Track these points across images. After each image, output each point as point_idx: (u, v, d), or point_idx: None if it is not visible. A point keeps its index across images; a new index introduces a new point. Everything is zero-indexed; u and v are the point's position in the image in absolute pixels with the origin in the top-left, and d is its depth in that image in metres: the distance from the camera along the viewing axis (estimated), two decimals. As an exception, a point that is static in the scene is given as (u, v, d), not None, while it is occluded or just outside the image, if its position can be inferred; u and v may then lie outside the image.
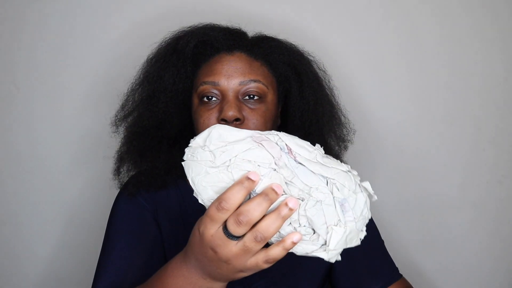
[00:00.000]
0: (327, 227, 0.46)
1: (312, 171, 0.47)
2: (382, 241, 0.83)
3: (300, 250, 0.47)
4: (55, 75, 1.03)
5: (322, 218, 0.46)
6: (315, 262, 0.78)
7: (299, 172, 0.46)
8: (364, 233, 0.49)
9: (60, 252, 1.08)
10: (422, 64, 1.05)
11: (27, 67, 1.03)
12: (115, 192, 0.79)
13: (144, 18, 1.03)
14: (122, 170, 0.77)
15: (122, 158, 0.77)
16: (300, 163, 0.47)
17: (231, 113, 0.65)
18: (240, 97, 0.69)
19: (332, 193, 0.46)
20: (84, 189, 1.06)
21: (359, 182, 0.49)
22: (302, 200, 0.46)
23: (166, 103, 0.73)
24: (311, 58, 0.79)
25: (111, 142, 0.81)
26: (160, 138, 0.74)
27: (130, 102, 0.77)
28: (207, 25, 0.76)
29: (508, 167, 1.08)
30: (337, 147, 0.81)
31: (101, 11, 1.03)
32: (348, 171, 0.48)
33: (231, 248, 0.45)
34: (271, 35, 0.78)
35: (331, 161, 0.48)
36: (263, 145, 0.46)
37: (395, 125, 1.07)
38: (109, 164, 0.79)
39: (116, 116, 0.78)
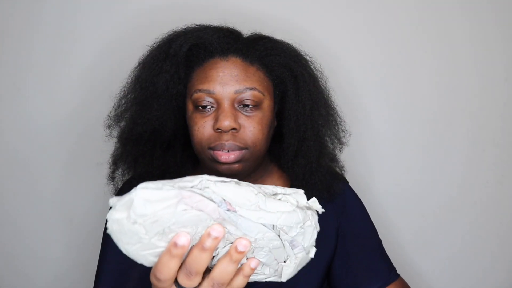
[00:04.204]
0: (278, 263, 0.47)
1: (255, 222, 0.45)
2: (380, 241, 0.82)
3: (254, 278, 0.47)
4: (51, 78, 1.03)
5: (271, 258, 0.46)
6: (313, 263, 0.78)
7: (241, 224, 0.44)
8: (314, 250, 0.49)
9: (60, 252, 1.08)
10: (421, 64, 1.04)
11: (25, 69, 1.02)
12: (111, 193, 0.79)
13: (141, 16, 1.02)
14: (116, 175, 0.76)
15: (116, 163, 0.76)
16: (241, 216, 0.44)
17: (227, 123, 0.65)
18: (235, 105, 0.68)
19: (279, 236, 0.45)
20: (83, 190, 1.07)
21: (306, 203, 0.48)
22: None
23: (160, 109, 0.71)
24: (307, 58, 0.76)
25: (105, 147, 0.80)
26: (154, 143, 0.73)
27: (124, 107, 0.75)
28: (199, 26, 0.73)
29: (508, 167, 1.07)
30: (333, 150, 0.80)
31: (99, 10, 1.02)
32: (296, 207, 0.46)
33: None
34: (266, 34, 0.76)
35: (275, 203, 0.46)
36: (198, 207, 0.42)
37: (395, 125, 1.07)
38: (104, 168, 0.79)
39: (110, 120, 0.77)
